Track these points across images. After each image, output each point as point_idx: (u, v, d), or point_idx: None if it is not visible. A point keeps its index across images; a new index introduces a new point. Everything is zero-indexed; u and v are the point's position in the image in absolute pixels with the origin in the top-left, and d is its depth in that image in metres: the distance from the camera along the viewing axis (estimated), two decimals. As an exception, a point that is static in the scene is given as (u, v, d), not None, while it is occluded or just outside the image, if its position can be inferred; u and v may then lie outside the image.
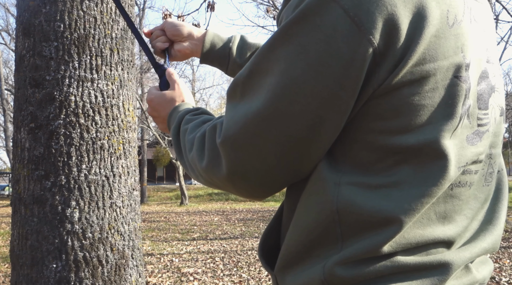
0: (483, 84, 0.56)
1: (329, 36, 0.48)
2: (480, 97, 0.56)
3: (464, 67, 0.52)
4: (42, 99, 1.79)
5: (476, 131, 0.56)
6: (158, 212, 14.82)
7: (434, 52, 0.50)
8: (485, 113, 0.57)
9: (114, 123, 1.89)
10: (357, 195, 0.53)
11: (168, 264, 6.10)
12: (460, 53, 0.52)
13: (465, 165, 0.55)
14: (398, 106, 0.51)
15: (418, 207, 0.52)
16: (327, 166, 0.55)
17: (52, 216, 1.74)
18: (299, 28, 0.50)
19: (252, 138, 0.54)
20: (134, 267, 1.92)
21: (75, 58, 1.81)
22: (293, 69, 0.51)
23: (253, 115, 0.54)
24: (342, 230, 0.54)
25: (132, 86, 2.04)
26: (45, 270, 1.73)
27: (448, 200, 0.56)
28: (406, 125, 0.51)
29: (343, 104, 0.51)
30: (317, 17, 0.49)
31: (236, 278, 5.23)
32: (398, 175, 0.52)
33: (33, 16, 1.82)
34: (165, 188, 27.77)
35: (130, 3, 2.04)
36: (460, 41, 0.52)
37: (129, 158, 1.96)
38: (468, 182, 0.57)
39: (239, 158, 0.56)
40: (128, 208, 1.93)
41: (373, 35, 0.48)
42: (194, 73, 31.19)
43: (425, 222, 0.54)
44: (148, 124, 19.00)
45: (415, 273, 0.53)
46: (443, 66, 0.51)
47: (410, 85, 0.50)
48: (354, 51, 0.48)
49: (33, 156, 1.78)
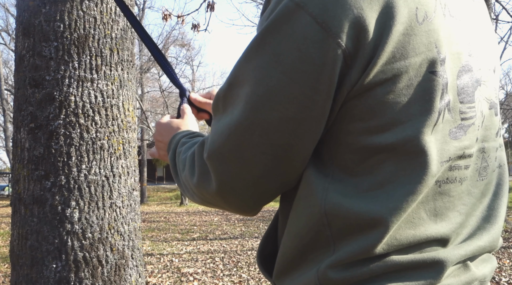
0: (465, 78, 0.56)
1: (300, 43, 0.50)
2: (462, 91, 0.56)
3: (439, 62, 0.52)
4: (42, 100, 1.78)
5: (459, 126, 0.55)
6: (158, 212, 14.82)
7: (404, 50, 0.51)
8: (470, 107, 0.57)
9: (114, 123, 1.89)
10: (343, 198, 0.53)
11: (168, 264, 6.10)
12: (434, 49, 0.52)
13: (449, 160, 0.55)
14: (374, 106, 0.52)
15: (403, 206, 0.52)
16: (315, 171, 0.56)
17: (52, 216, 1.74)
18: (271, 38, 0.52)
19: (236, 149, 0.56)
20: (134, 267, 1.92)
21: (75, 58, 1.81)
22: (268, 78, 0.52)
23: (235, 126, 0.55)
24: (333, 233, 0.54)
25: (132, 87, 2.04)
26: (45, 270, 1.73)
27: (437, 198, 0.55)
28: (384, 124, 0.52)
29: (320, 108, 0.52)
30: (287, 26, 0.51)
31: (236, 278, 5.23)
32: (381, 175, 0.53)
33: (33, 16, 1.82)
34: (165, 188, 27.76)
35: (130, 3, 2.04)
36: (432, 37, 0.52)
37: (129, 158, 1.96)
38: (458, 178, 0.57)
39: (226, 170, 0.57)
40: (128, 208, 1.93)
41: (341, 38, 0.49)
42: (194, 73, 31.19)
43: (416, 222, 0.54)
44: (148, 125, 19.00)
45: (409, 272, 0.53)
46: (415, 62, 0.51)
47: (383, 84, 0.51)
48: (324, 56, 0.50)
49: (33, 156, 1.78)
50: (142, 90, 22.29)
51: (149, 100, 26.26)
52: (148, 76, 22.63)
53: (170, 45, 24.24)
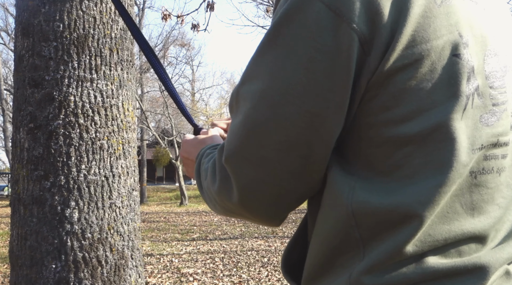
0: (493, 62, 0.53)
1: (314, 32, 0.49)
2: (490, 76, 0.52)
3: (462, 45, 0.50)
4: (41, 100, 1.78)
5: (491, 111, 0.52)
6: (157, 212, 14.81)
7: (424, 32, 0.48)
8: (501, 92, 0.53)
9: (114, 123, 1.89)
10: (371, 195, 0.51)
11: (167, 264, 6.09)
12: (455, 31, 0.50)
13: (482, 148, 0.51)
14: (396, 94, 0.49)
15: (436, 198, 0.49)
16: (340, 170, 0.54)
17: (51, 216, 1.74)
18: (284, 30, 0.51)
19: (254, 148, 0.53)
20: (133, 267, 1.91)
21: (75, 58, 1.81)
22: (283, 71, 0.50)
23: (251, 124, 0.53)
24: (361, 234, 0.51)
25: (132, 86, 2.04)
26: (44, 271, 1.72)
27: (473, 190, 0.52)
28: (408, 112, 0.49)
29: (337, 98, 0.50)
30: (300, 15, 0.49)
31: (236, 279, 5.22)
32: (410, 167, 0.50)
33: (32, 16, 1.81)
34: (165, 188, 27.76)
35: (130, 3, 2.04)
36: (452, 19, 0.50)
37: (128, 158, 1.96)
38: (495, 168, 0.53)
39: (245, 173, 0.54)
40: (128, 208, 1.92)
41: (356, 23, 0.47)
42: (194, 73, 31.20)
43: (451, 216, 0.51)
44: (148, 125, 19.00)
45: (449, 280, 0.49)
46: (437, 45, 0.49)
47: (405, 69, 0.48)
48: (340, 43, 0.48)
49: (32, 156, 1.77)
50: (141, 90, 22.29)
51: (149, 100, 26.27)
52: (148, 76, 22.64)
53: (170, 45, 24.24)
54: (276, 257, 6.45)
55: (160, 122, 27.01)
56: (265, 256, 6.58)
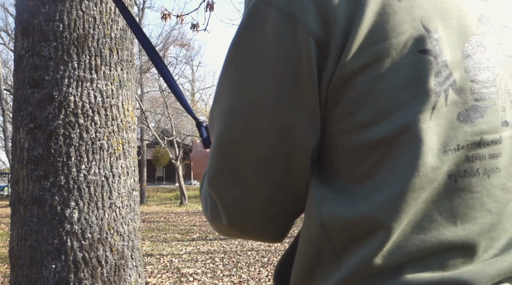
0: (477, 53, 0.49)
1: (273, 42, 0.48)
2: (472, 68, 0.48)
3: (429, 39, 0.47)
4: (41, 100, 1.78)
5: (473, 107, 0.48)
6: (157, 212, 14.81)
7: (381, 30, 0.46)
8: (487, 85, 0.49)
9: (114, 123, 1.89)
10: (338, 205, 0.49)
11: (167, 264, 6.09)
12: (419, 26, 0.47)
13: (459, 148, 0.47)
14: (358, 98, 0.47)
15: (402, 207, 0.45)
16: (317, 181, 0.52)
17: (51, 217, 1.74)
18: (244, 44, 0.50)
19: (234, 168, 0.52)
20: (133, 267, 1.91)
21: (74, 58, 1.81)
22: (249, 86, 0.50)
23: (225, 143, 0.52)
24: (334, 247, 0.49)
25: (132, 86, 2.04)
26: (44, 271, 1.72)
27: (454, 195, 0.47)
28: (373, 116, 0.47)
29: (307, 107, 0.49)
30: (258, 27, 0.49)
31: (236, 279, 5.22)
32: (379, 174, 0.47)
33: (32, 16, 1.81)
34: (165, 188, 27.76)
35: (130, 3, 2.04)
36: (417, 13, 0.47)
37: (128, 158, 1.96)
38: (481, 170, 0.48)
39: (229, 195, 0.54)
40: (128, 208, 1.92)
41: (311, 26, 0.46)
42: (193, 73, 31.19)
43: (427, 225, 0.46)
44: (148, 125, 18.99)
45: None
46: (398, 43, 0.46)
47: (364, 71, 0.46)
48: (299, 48, 0.47)
49: (32, 156, 1.77)
50: (141, 90, 22.28)
51: (149, 100, 26.27)
52: (148, 76, 22.63)
53: (170, 45, 24.24)
54: (276, 257, 6.45)
55: (160, 122, 27.01)
56: (265, 256, 6.58)
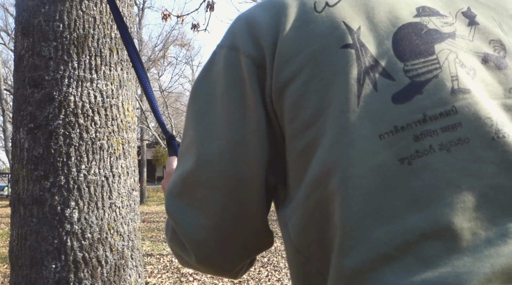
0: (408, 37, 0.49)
1: (224, 73, 0.55)
2: (403, 52, 0.48)
3: (351, 35, 0.49)
4: (41, 100, 1.78)
5: (408, 85, 0.46)
6: (157, 212, 14.81)
7: (303, 40, 0.51)
8: (425, 63, 0.47)
9: (114, 123, 1.89)
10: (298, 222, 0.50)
11: (167, 264, 6.09)
12: (341, 27, 0.50)
13: (397, 129, 0.44)
14: (295, 103, 0.50)
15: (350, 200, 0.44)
16: (280, 207, 0.55)
17: (51, 217, 1.74)
18: (203, 82, 0.57)
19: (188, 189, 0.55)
20: (133, 267, 1.91)
21: (74, 58, 1.80)
22: (206, 113, 0.56)
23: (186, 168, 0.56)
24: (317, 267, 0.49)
25: (132, 86, 2.04)
26: (44, 271, 1.72)
27: (411, 178, 0.43)
28: (309, 118, 0.49)
29: (252, 123, 0.53)
30: (214, 66, 0.57)
31: (236, 279, 5.22)
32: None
33: (32, 16, 1.81)
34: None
35: (130, 3, 2.04)
36: (338, 17, 0.51)
37: (128, 158, 1.96)
38: (436, 146, 0.43)
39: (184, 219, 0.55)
40: (128, 208, 1.92)
41: (248, 51, 0.53)
42: (193, 73, 31.18)
43: (389, 215, 0.42)
44: (148, 125, 18.98)
45: None
46: (320, 47, 0.50)
47: (294, 79, 0.50)
48: (241, 71, 0.53)
49: (32, 156, 1.77)
50: (141, 90, 22.22)
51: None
52: (148, 76, 22.60)
53: (170, 45, 24.23)
54: (276, 257, 6.45)
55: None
56: (265, 256, 6.58)
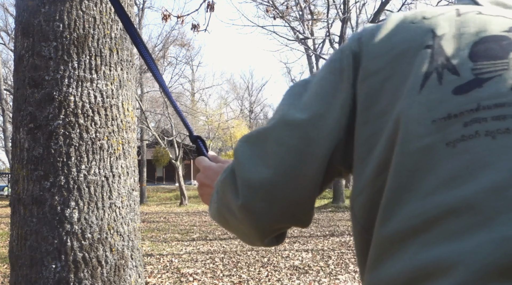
0: (488, 44, 0.53)
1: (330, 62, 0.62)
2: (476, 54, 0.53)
3: (434, 38, 0.55)
4: (41, 100, 1.78)
5: (472, 81, 0.51)
6: (157, 212, 14.80)
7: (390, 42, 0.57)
8: (494, 63, 0.51)
9: (114, 123, 1.89)
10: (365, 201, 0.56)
11: (167, 264, 6.09)
12: (427, 33, 0.55)
13: (450, 116, 0.49)
14: (373, 93, 0.55)
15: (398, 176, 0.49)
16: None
17: (51, 217, 1.74)
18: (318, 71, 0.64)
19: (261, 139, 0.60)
20: (133, 267, 1.91)
21: (74, 58, 1.80)
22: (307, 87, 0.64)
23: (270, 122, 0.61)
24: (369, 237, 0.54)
25: (132, 86, 2.04)
26: (44, 271, 1.72)
27: (452, 160, 0.46)
28: (383, 107, 0.54)
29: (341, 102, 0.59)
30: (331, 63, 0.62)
31: (236, 279, 5.22)
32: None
33: (32, 16, 1.81)
34: (165, 188, 27.75)
35: (130, 3, 2.04)
36: (428, 27, 0.56)
37: (128, 158, 1.96)
38: (481, 132, 0.46)
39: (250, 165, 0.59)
40: (128, 208, 1.92)
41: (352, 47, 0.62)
42: (193, 73, 31.18)
43: (424, 191, 0.46)
44: (148, 125, 18.98)
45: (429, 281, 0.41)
46: (405, 48, 0.55)
47: (377, 74, 0.56)
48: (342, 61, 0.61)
49: (32, 156, 1.77)
50: (141, 90, 22.27)
51: (149, 100, 26.24)
52: (148, 76, 22.61)
53: (170, 45, 24.23)
54: (276, 257, 6.45)
55: (160, 122, 27.01)
56: (265, 256, 6.58)
